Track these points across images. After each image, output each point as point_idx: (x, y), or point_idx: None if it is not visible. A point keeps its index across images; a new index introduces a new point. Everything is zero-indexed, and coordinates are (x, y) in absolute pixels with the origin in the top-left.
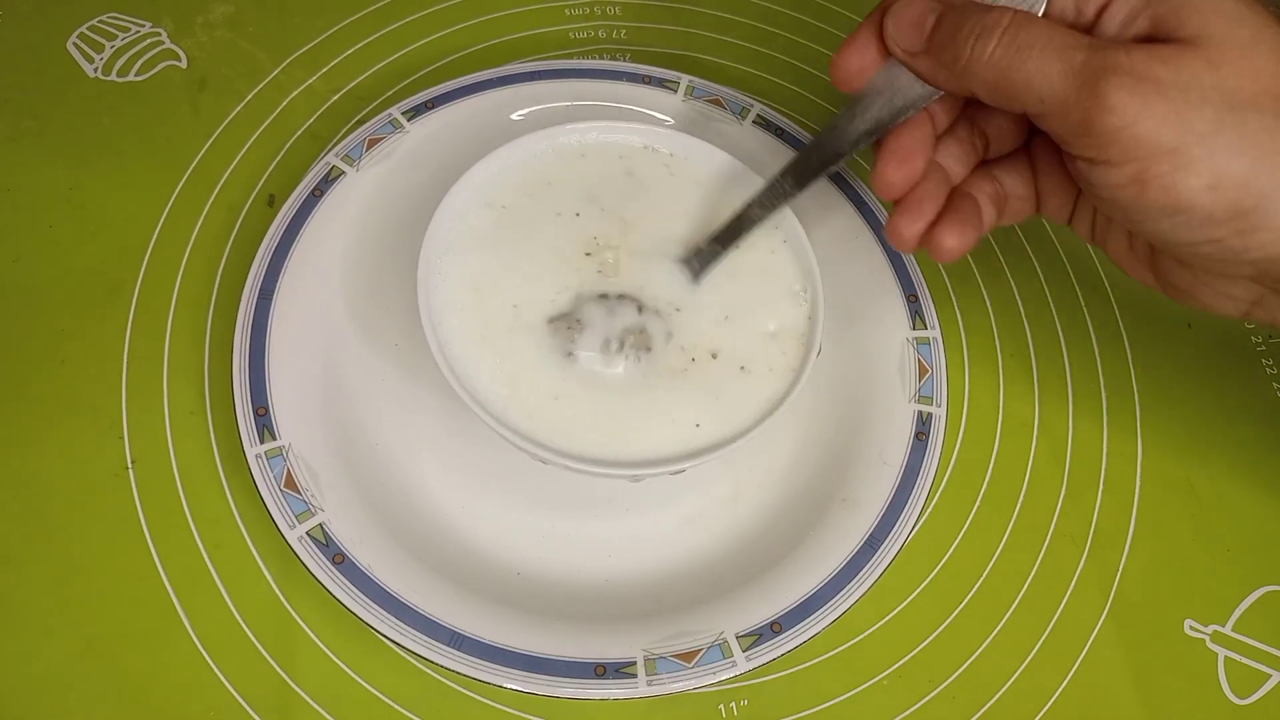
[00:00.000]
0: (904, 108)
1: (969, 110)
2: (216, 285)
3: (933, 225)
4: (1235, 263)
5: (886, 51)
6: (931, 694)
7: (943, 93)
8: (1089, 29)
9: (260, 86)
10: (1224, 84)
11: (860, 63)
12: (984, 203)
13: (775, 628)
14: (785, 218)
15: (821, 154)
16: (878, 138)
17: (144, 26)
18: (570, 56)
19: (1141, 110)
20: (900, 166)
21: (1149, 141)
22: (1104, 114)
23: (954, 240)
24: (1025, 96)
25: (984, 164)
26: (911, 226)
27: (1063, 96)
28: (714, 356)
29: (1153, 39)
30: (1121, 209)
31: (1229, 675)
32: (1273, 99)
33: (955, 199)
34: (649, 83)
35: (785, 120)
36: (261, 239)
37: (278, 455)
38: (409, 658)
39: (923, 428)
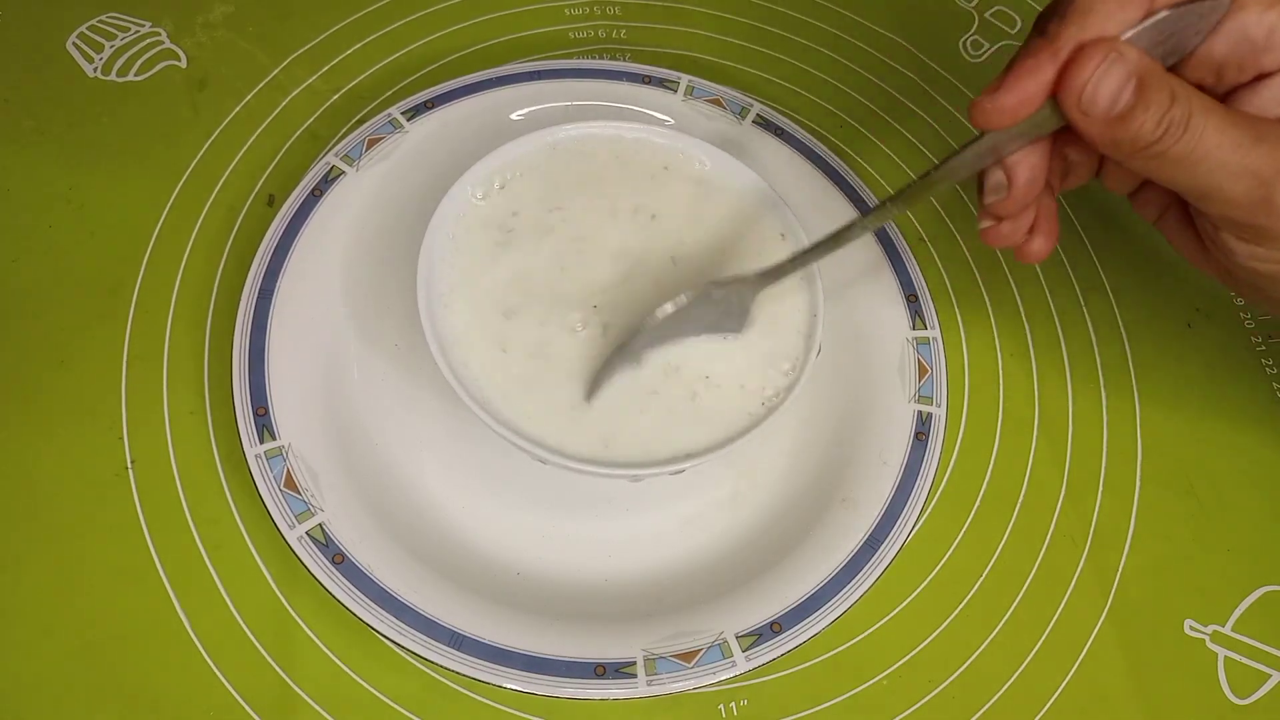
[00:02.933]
0: (1034, 137)
1: None
2: (216, 285)
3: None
4: None
5: (1047, 89)
6: (931, 694)
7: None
8: (1244, 86)
9: (260, 86)
10: None
11: (1020, 103)
12: (1054, 181)
13: (775, 628)
14: (786, 217)
15: (938, 176)
16: (997, 159)
17: (144, 26)
18: (570, 56)
19: None
20: (1026, 198)
21: None
22: (1273, 218)
23: (1042, 244)
24: (1194, 188)
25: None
26: (1015, 236)
27: (1238, 197)
28: (719, 353)
29: None
30: (1255, 274)
31: (1229, 675)
32: None
33: (1040, 198)
34: (649, 83)
35: (785, 120)
36: (261, 239)
37: (277, 455)
38: (409, 658)
39: (923, 428)
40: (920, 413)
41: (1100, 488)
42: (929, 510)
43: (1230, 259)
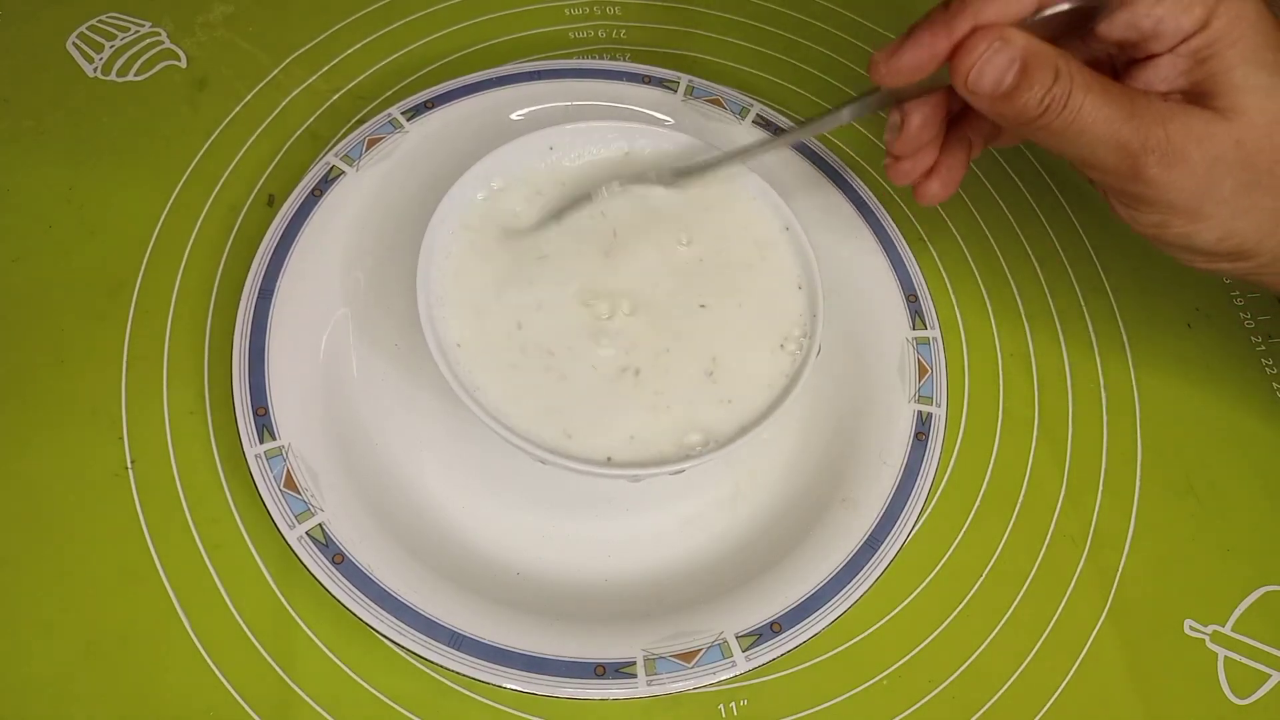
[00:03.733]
0: (930, 89)
1: None
2: (216, 285)
3: (927, 172)
4: (1222, 270)
5: (939, 60)
6: (931, 694)
7: None
8: (1139, 61)
9: (260, 86)
10: (1247, 159)
11: (913, 67)
12: (974, 138)
13: (775, 628)
14: (787, 217)
15: (841, 119)
16: (898, 103)
17: (144, 26)
18: (570, 56)
19: (1171, 185)
20: (919, 140)
21: (1176, 205)
22: (1143, 185)
23: (938, 189)
24: (1075, 157)
25: None
26: (911, 175)
27: (1111, 166)
28: (714, 358)
29: (1190, 95)
30: (1144, 235)
31: (1229, 675)
32: None
33: (949, 143)
34: (649, 83)
35: (785, 120)
36: (261, 239)
37: (277, 455)
38: (408, 658)
39: (923, 428)
40: (920, 413)
41: (1100, 488)
42: (929, 510)
43: (1118, 219)
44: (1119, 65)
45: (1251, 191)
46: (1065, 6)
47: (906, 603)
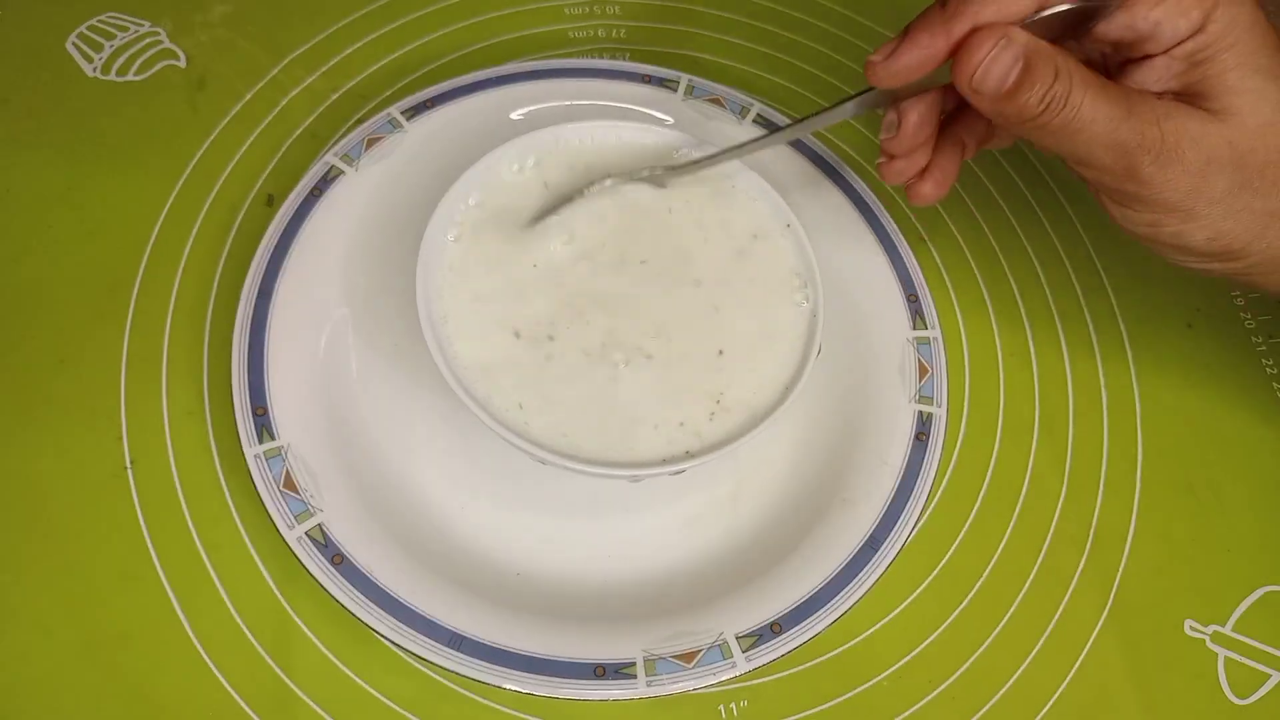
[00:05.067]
0: (925, 88)
1: None
2: (215, 285)
3: (920, 173)
4: (1213, 271)
5: (938, 60)
6: (932, 694)
7: None
8: (1133, 61)
9: (259, 86)
10: (1239, 160)
11: (910, 69)
12: (968, 139)
13: (775, 628)
14: (788, 216)
15: (834, 118)
16: (893, 102)
17: (143, 26)
18: (569, 55)
19: (1166, 184)
20: (914, 139)
21: (1169, 204)
22: (1137, 184)
23: (931, 189)
24: (1072, 154)
25: None
26: (905, 175)
27: (1107, 164)
28: (720, 353)
29: (1183, 96)
30: (1135, 235)
31: (1229, 675)
32: (1278, 167)
33: (943, 143)
34: (649, 82)
35: (785, 119)
36: (260, 238)
37: (276, 455)
38: (408, 658)
39: (923, 428)
40: (921, 413)
41: (1100, 488)
42: (929, 510)
43: (1111, 219)
44: (1112, 66)
45: (1242, 192)
46: (1065, 7)
47: (907, 603)
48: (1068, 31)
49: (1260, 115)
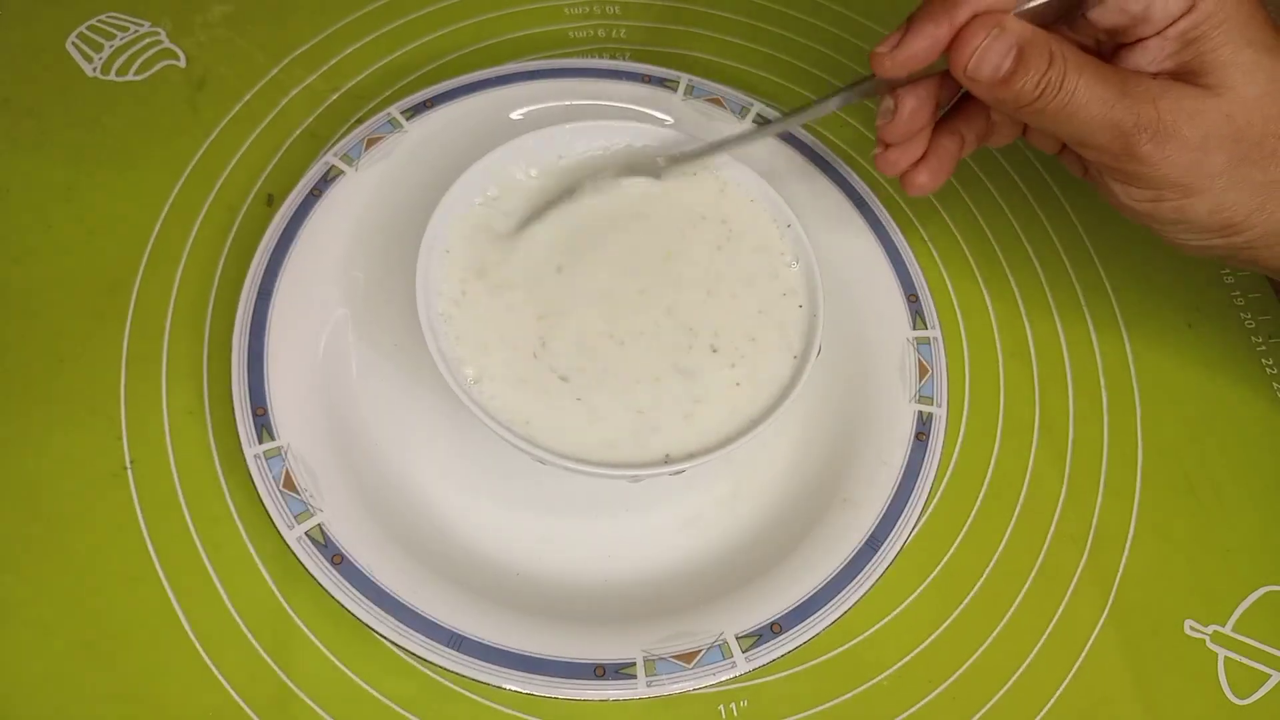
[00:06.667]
0: (924, 75)
1: None
2: (215, 285)
3: (915, 163)
4: (1214, 248)
5: (941, 47)
6: (932, 694)
7: None
8: (1128, 44)
9: (259, 86)
10: (1237, 133)
11: (916, 57)
12: (967, 133)
13: (775, 628)
14: (788, 216)
15: (830, 107)
16: (890, 89)
17: (143, 26)
18: (569, 55)
19: (1165, 161)
20: (911, 125)
21: (1169, 180)
22: (1136, 163)
23: (927, 178)
24: (1071, 137)
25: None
26: (901, 164)
27: (1105, 145)
28: (719, 353)
29: (1177, 74)
30: (1136, 214)
31: (1229, 675)
32: (1276, 139)
33: (940, 135)
34: (649, 82)
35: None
36: (260, 238)
37: (276, 455)
38: (407, 658)
39: (923, 428)
40: (920, 413)
41: (1100, 488)
42: (929, 510)
43: (1115, 199)
44: (1105, 51)
45: (1241, 165)
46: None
47: (907, 603)
48: (1061, 17)
49: (1255, 88)
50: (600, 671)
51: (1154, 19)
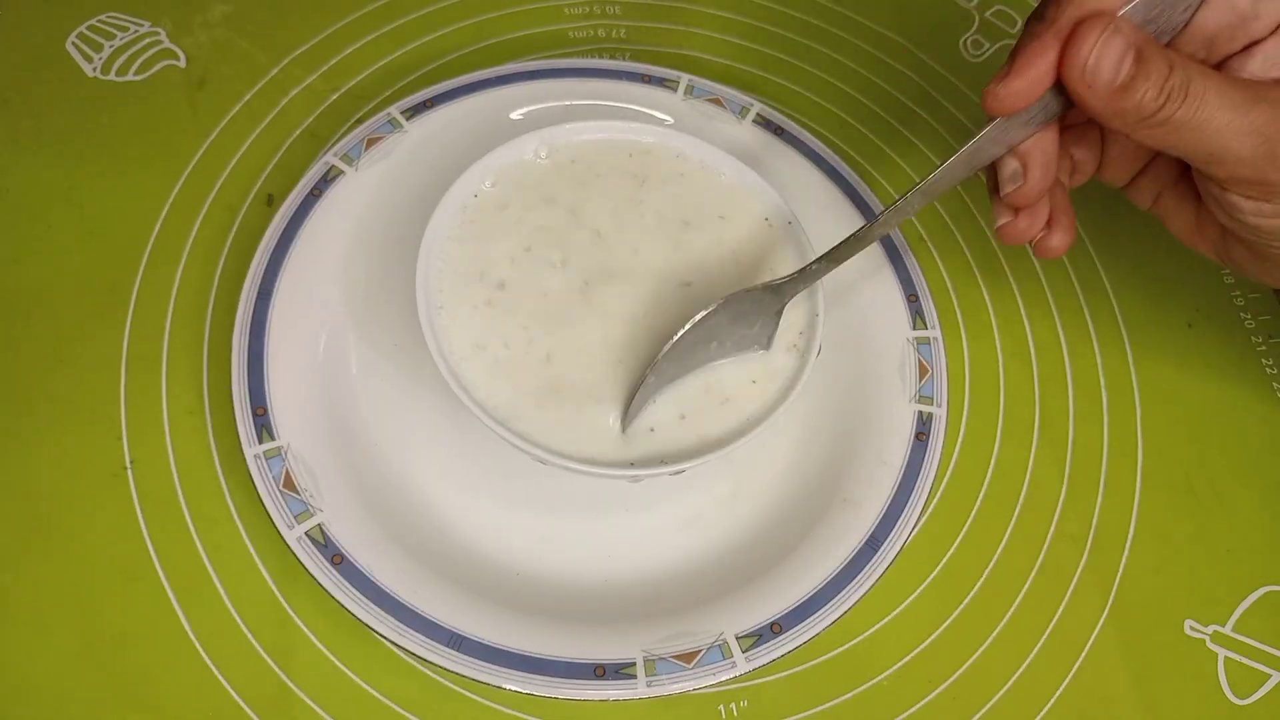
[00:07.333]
0: (1043, 122)
1: None
2: (215, 285)
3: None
4: None
5: (1053, 71)
6: (932, 694)
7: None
8: (1235, 54)
9: (259, 85)
10: None
11: (1029, 87)
12: (1064, 177)
13: (775, 628)
14: (788, 215)
15: (953, 173)
16: (1009, 149)
17: (143, 26)
18: (569, 55)
19: None
20: (1043, 184)
21: None
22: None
23: (1062, 237)
24: (1200, 151)
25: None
26: (1032, 230)
27: (1245, 155)
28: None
29: None
30: (1258, 230)
31: (1229, 675)
32: None
33: (1053, 192)
34: (648, 82)
35: (785, 119)
36: (260, 238)
37: (276, 455)
38: (408, 658)
39: (923, 428)
40: (921, 413)
41: (1100, 488)
42: (929, 510)
43: (1238, 218)
44: (1212, 66)
45: None
46: None
47: (907, 603)
48: (1159, 34)
49: None
50: (600, 671)
51: (1266, 14)
